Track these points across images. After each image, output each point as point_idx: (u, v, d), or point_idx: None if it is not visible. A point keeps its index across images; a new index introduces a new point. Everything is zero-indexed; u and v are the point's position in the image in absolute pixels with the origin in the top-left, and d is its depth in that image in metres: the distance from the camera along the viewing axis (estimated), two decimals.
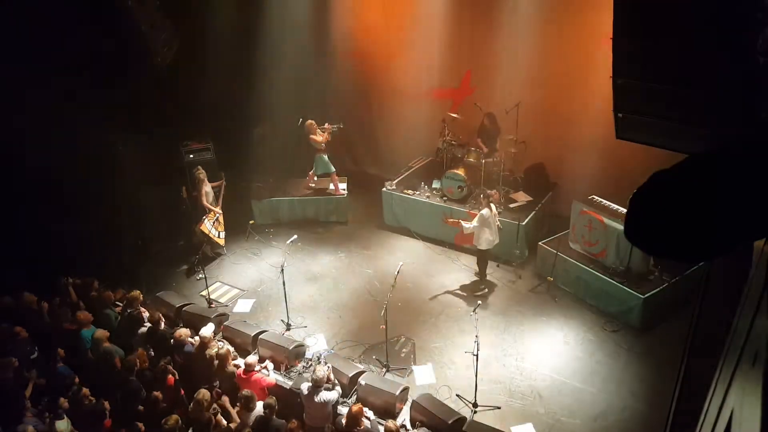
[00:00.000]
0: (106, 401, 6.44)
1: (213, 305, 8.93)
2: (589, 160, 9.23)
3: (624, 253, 8.19)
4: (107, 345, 7.18)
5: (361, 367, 7.34)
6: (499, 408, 6.96)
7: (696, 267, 7.75)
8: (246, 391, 6.47)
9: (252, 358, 7.03)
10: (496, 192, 8.80)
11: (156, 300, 8.51)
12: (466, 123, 10.09)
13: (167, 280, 9.63)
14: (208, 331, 7.25)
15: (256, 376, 6.87)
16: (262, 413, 6.28)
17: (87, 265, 8.54)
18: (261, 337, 7.63)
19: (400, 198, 10.49)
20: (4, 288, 7.68)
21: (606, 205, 8.54)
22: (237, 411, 6.51)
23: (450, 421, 6.31)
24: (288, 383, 7.13)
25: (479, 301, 7.67)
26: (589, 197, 8.78)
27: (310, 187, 11.15)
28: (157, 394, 6.57)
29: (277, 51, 10.52)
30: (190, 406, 6.32)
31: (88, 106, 8.14)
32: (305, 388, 6.49)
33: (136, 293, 7.90)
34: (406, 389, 6.88)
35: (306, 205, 11.07)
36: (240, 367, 7.06)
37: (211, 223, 9.78)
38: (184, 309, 8.27)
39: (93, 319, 7.55)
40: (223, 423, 6.41)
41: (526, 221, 9.38)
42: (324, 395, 6.38)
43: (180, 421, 6.08)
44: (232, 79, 10.46)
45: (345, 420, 6.20)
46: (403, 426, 6.45)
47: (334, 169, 10.76)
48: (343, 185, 11.06)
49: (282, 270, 8.16)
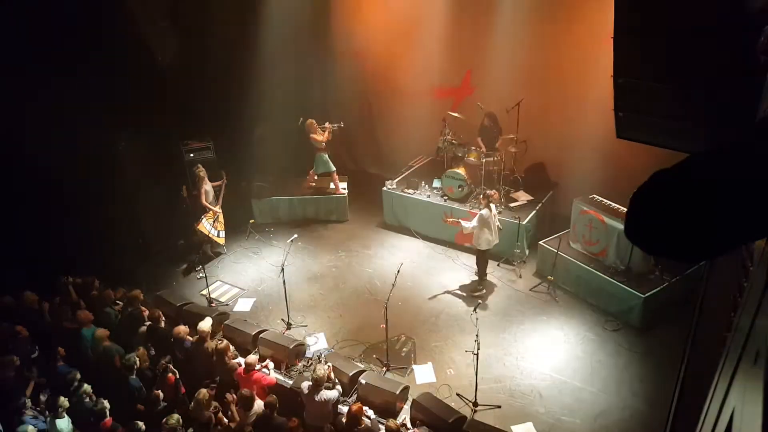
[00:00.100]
0: (106, 400, 6.45)
1: (213, 304, 8.93)
2: (589, 160, 9.22)
3: (624, 252, 8.20)
4: (108, 344, 7.19)
5: (361, 366, 7.34)
6: (499, 407, 6.96)
7: (696, 267, 7.75)
8: (245, 390, 6.47)
9: (252, 357, 7.03)
10: (496, 192, 8.79)
11: (156, 299, 8.51)
12: (467, 122, 10.08)
13: (167, 279, 9.64)
14: (206, 324, 7.26)
15: (257, 375, 6.87)
16: (262, 412, 6.28)
17: (87, 264, 8.54)
18: (261, 336, 7.63)
19: (401, 197, 10.48)
20: (4, 288, 7.68)
21: (607, 204, 8.54)
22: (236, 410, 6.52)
23: (450, 420, 6.32)
24: (288, 382, 7.14)
25: (479, 300, 7.68)
26: (590, 196, 8.78)
27: (310, 186, 11.15)
28: (157, 392, 6.59)
29: (278, 50, 10.51)
30: (191, 406, 6.33)
31: (88, 106, 8.13)
32: (305, 387, 6.50)
33: (137, 292, 7.91)
34: (406, 388, 6.89)
35: (306, 204, 11.07)
36: (241, 365, 7.07)
37: (210, 222, 9.76)
38: (184, 308, 8.27)
39: (93, 318, 7.55)
40: (224, 421, 6.42)
41: (526, 220, 9.38)
42: (324, 394, 6.38)
43: (180, 420, 6.09)
44: (232, 79, 10.46)
45: (345, 419, 6.20)
46: (403, 425, 6.44)
47: (334, 168, 10.75)
48: (343, 184, 11.06)
49: (282, 269, 8.16)
